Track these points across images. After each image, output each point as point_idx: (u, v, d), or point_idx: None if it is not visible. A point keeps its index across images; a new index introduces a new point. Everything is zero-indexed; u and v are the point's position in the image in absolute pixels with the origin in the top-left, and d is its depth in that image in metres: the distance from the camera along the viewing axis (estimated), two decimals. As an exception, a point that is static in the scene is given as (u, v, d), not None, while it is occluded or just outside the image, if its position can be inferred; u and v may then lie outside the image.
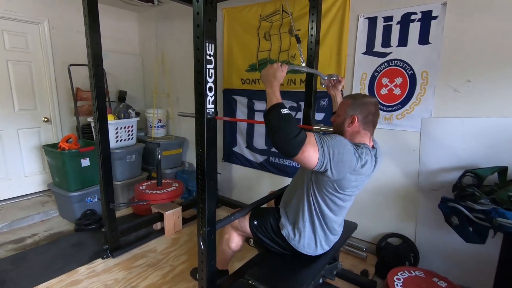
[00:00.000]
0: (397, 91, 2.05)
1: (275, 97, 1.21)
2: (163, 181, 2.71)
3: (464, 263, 1.91)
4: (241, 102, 2.93)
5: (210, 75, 1.23)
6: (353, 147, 1.21)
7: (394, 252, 2.12)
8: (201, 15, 1.16)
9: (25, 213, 2.80)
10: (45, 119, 3.19)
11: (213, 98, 1.26)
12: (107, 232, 2.08)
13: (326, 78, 1.71)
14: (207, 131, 1.26)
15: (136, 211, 2.93)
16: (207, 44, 1.19)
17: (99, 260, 2.09)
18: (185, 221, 2.73)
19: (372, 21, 2.08)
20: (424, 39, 1.90)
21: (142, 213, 2.88)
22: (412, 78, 1.98)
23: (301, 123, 2.20)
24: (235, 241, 1.67)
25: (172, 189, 2.57)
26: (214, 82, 1.26)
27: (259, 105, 2.81)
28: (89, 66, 1.86)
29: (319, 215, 1.39)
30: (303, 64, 1.63)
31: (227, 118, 2.82)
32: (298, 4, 2.41)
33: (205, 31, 1.17)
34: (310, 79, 2.06)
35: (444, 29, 1.82)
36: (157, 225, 2.56)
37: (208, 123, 1.26)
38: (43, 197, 3.19)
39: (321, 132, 1.69)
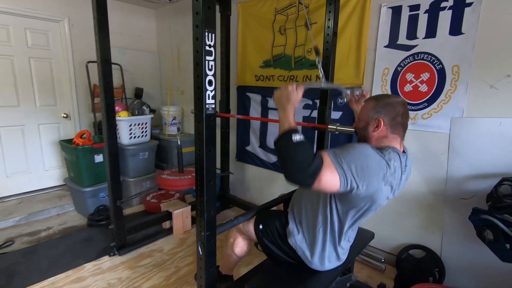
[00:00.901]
0: (423, 88, 1.85)
1: (287, 122, 1.09)
2: (184, 169, 2.69)
3: (498, 283, 1.69)
4: (255, 100, 2.83)
5: (210, 67, 1.14)
6: (377, 152, 1.05)
7: (417, 265, 1.92)
8: (200, 1, 1.06)
9: (42, 207, 2.87)
10: (65, 115, 3.27)
11: (213, 92, 1.17)
12: (114, 229, 2.06)
13: (349, 92, 1.54)
14: (206, 128, 1.17)
15: (148, 209, 2.92)
16: (206, 33, 1.09)
17: (106, 257, 2.07)
18: (194, 220, 2.67)
19: (396, 11, 1.89)
20: (456, 29, 1.69)
21: (154, 211, 2.85)
22: (441, 73, 1.77)
23: (316, 122, 2.05)
24: (240, 245, 1.57)
25: (193, 175, 2.52)
26: (215, 75, 1.16)
27: (273, 103, 2.68)
28: (97, 61, 1.84)
29: (335, 230, 1.24)
30: (323, 80, 1.47)
31: (227, 115, 2.71)
32: (315, -5, 2.26)
33: (204, 19, 1.08)
34: (326, 76, 1.91)
35: (480, 17, 1.60)
36: (166, 224, 2.52)
37: (207, 119, 1.17)
38: (61, 191, 3.27)
39: (335, 149, 1.53)
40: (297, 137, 1.03)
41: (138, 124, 3.02)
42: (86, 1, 3.22)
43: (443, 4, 1.71)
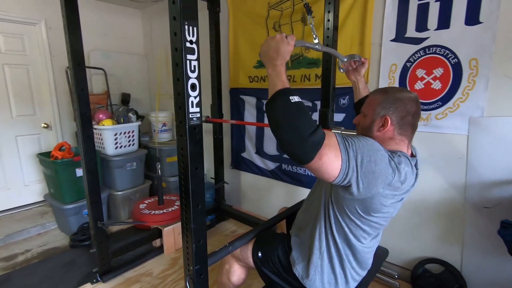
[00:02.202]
0: (436, 85, 1.66)
1: (280, 81, 0.88)
2: (165, 198, 2.47)
3: (531, 303, 1.50)
4: (249, 103, 2.62)
5: (192, 68, 0.93)
6: (387, 154, 0.88)
7: (435, 282, 1.73)
8: (176, -13, 0.86)
9: (21, 226, 2.63)
10: (45, 125, 3.03)
11: (197, 99, 0.96)
12: (96, 253, 1.84)
13: (346, 60, 1.36)
14: (190, 142, 0.96)
15: (137, 226, 2.69)
16: (186, 26, 0.89)
17: (88, 285, 1.85)
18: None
19: (403, 0, 1.70)
20: (472, 18, 1.50)
21: (144, 227, 2.63)
22: (457, 68, 1.58)
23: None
24: (237, 273, 1.36)
25: (174, 208, 2.32)
26: (199, 78, 0.95)
27: (269, 106, 2.48)
28: (69, 65, 1.62)
29: (342, 246, 1.04)
30: (316, 41, 1.25)
31: (219, 120, 2.49)
32: (312, -14, 2.06)
33: (182, 8, 0.87)
34: (327, 74, 1.72)
35: (501, 3, 1.42)
36: (157, 242, 2.30)
37: (191, 132, 0.96)
38: (43, 207, 3.03)
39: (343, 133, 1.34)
40: (296, 98, 0.83)
41: (124, 133, 2.79)
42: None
43: (457, -10, 1.52)
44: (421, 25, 1.66)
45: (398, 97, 0.97)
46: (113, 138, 2.69)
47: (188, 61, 0.91)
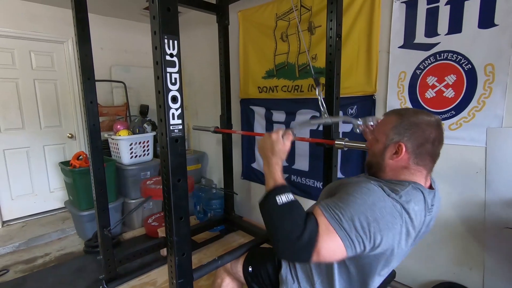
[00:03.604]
0: (449, 93, 1.55)
1: (272, 179, 0.89)
2: None
3: None
4: (259, 113, 2.61)
5: (173, 81, 0.94)
6: (387, 194, 0.79)
7: (452, 309, 1.57)
8: (156, 3, 0.88)
9: (44, 231, 2.79)
10: (70, 135, 3.24)
11: (178, 111, 0.96)
12: (102, 260, 1.89)
13: (361, 123, 1.26)
14: (171, 154, 0.96)
15: (149, 232, 2.75)
16: (166, 40, 0.90)
17: (94, 292, 1.90)
18: (196, 246, 2.45)
19: (411, 5, 1.62)
20: (486, 20, 1.39)
21: (155, 235, 2.68)
22: (471, 74, 1.46)
23: (321, 137, 1.79)
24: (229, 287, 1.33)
25: None
26: (180, 90, 0.96)
27: (278, 116, 2.45)
28: (78, 79, 1.71)
29: (359, 281, 0.93)
30: (325, 116, 1.21)
31: (227, 131, 2.48)
32: (317, -4, 2.04)
33: (162, 23, 0.89)
34: (331, 83, 1.67)
35: (517, 3, 1.30)
36: (164, 251, 2.32)
37: (172, 144, 0.96)
38: (66, 213, 3.20)
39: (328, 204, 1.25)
40: (284, 198, 0.81)
41: (140, 143, 2.89)
42: (90, 21, 3.23)
43: (468, -8, 1.42)
44: (431, 30, 1.57)
45: (415, 122, 0.86)
46: (128, 148, 2.80)
47: (168, 74, 0.92)
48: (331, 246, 0.74)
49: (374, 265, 0.85)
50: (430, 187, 0.91)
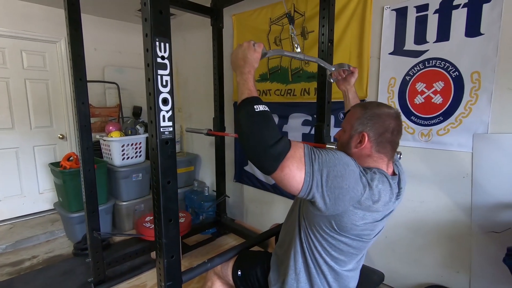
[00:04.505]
0: (437, 99, 1.58)
1: (247, 88, 0.89)
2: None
3: None
4: (252, 116, 2.62)
5: (164, 83, 0.94)
6: (359, 169, 0.84)
7: (440, 312, 1.59)
8: (148, 5, 0.88)
9: (32, 232, 2.74)
10: (61, 136, 3.19)
11: (169, 113, 0.96)
12: (91, 263, 1.86)
13: (334, 69, 1.32)
14: (161, 156, 0.96)
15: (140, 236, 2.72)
16: (157, 43, 0.91)
17: (82, 295, 1.87)
18: (187, 248, 2.45)
19: (401, 13, 1.66)
20: (473, 29, 1.43)
21: (146, 238, 2.65)
22: (458, 81, 1.50)
23: (313, 141, 1.81)
24: (219, 291, 1.32)
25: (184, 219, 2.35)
26: (171, 93, 0.96)
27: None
28: (70, 80, 1.71)
29: (320, 267, 0.98)
30: (298, 50, 1.21)
31: (219, 133, 2.49)
32: (310, 2, 2.07)
33: (154, 26, 0.89)
34: (322, 87, 1.69)
35: (502, 13, 1.34)
36: (154, 254, 2.30)
37: (162, 146, 0.96)
38: (55, 215, 3.14)
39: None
40: (261, 107, 0.83)
41: (132, 144, 2.87)
42: (83, 21, 3.21)
43: (456, 2, 1.46)
44: (420, 38, 1.60)
45: (376, 113, 0.93)
46: (120, 149, 2.78)
47: (159, 76, 0.93)
48: (294, 172, 0.78)
49: (339, 239, 0.90)
50: (393, 174, 0.96)
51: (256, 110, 0.82)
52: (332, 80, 1.38)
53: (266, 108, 0.85)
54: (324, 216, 0.86)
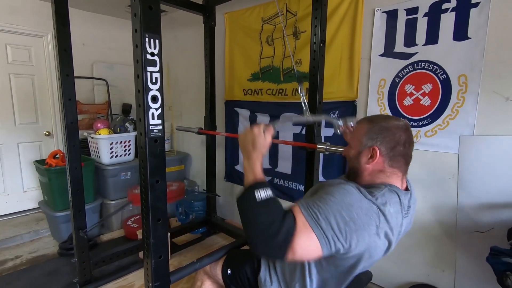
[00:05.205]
0: (425, 101, 1.61)
1: (252, 174, 0.89)
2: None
3: None
4: (243, 115, 2.62)
5: (153, 80, 0.93)
6: (364, 195, 0.81)
7: (425, 310, 1.62)
8: (138, 1, 0.87)
9: (16, 232, 2.66)
10: (47, 133, 3.11)
11: (158, 111, 0.95)
12: (77, 263, 1.82)
13: (341, 124, 1.29)
14: (150, 155, 0.95)
15: (128, 234, 2.68)
16: (147, 39, 0.89)
17: (67, 296, 1.83)
18: (177, 248, 2.42)
19: (392, 15, 1.68)
20: (461, 33, 1.46)
21: (134, 237, 2.61)
22: (446, 84, 1.53)
23: (304, 140, 1.82)
24: (208, 291, 1.31)
25: (168, 189, 2.30)
26: (161, 90, 0.95)
27: (262, 119, 2.47)
28: (57, 75, 1.66)
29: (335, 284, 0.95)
30: (307, 113, 1.21)
31: (210, 132, 2.49)
32: (303, 2, 2.07)
33: (143, 21, 0.88)
34: (314, 88, 1.69)
35: (489, 18, 1.37)
36: (142, 254, 2.26)
37: (151, 144, 0.94)
38: (40, 214, 3.06)
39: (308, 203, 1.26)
40: (263, 194, 0.81)
41: (121, 142, 2.82)
42: (71, 16, 3.12)
43: (445, 6, 1.49)
44: (410, 40, 1.63)
45: (385, 126, 0.89)
46: (108, 147, 2.73)
47: (148, 73, 0.91)
48: (307, 244, 0.75)
49: (352, 268, 0.87)
50: (406, 189, 0.94)
51: (257, 200, 0.81)
52: (338, 132, 1.34)
53: (269, 193, 0.83)
54: (350, 256, 0.82)
